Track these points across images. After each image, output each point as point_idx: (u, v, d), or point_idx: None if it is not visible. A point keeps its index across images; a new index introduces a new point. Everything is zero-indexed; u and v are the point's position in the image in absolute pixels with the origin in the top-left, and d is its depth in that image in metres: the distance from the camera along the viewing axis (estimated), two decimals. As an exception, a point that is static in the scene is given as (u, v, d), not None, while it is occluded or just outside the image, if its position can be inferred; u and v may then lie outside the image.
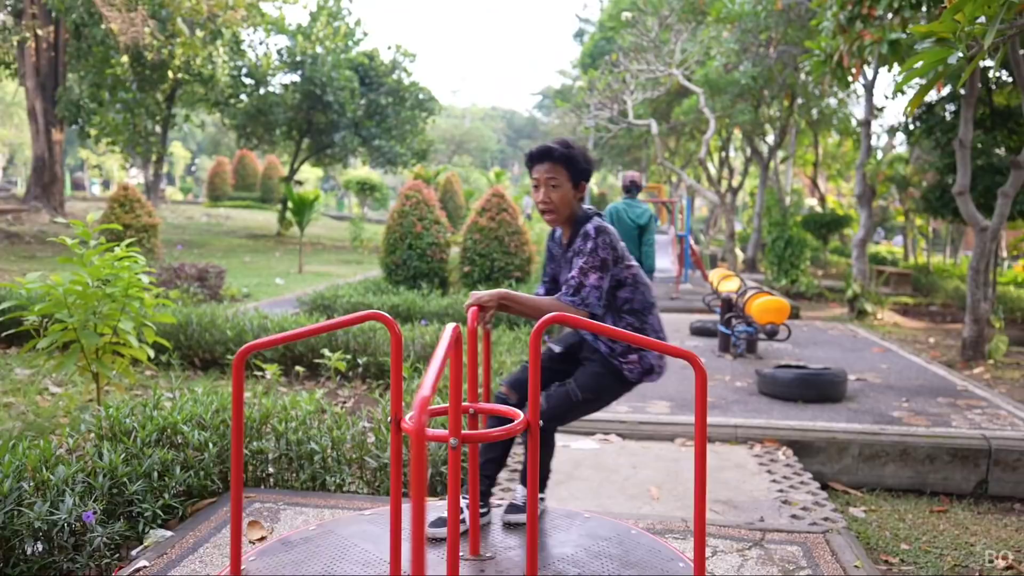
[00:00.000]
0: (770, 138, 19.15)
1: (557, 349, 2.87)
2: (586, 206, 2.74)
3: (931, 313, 12.75)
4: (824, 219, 19.73)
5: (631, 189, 6.80)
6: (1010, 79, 9.43)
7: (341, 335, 6.29)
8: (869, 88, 11.96)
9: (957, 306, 13.21)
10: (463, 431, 2.01)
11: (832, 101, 16.94)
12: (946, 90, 9.83)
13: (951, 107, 10.23)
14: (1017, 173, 7.53)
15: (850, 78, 8.72)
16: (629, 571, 2.43)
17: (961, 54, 3.37)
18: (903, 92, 10.41)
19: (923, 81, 4.31)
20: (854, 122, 17.40)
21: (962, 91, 9.11)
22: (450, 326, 2.05)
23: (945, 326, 11.05)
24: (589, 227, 2.61)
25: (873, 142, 13.54)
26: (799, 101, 15.98)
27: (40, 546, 2.61)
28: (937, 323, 11.46)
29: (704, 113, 14.58)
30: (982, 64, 8.67)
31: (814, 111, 17.01)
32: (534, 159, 2.62)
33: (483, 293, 2.45)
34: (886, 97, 15.88)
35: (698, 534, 2.12)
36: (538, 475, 2.27)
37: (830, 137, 22.35)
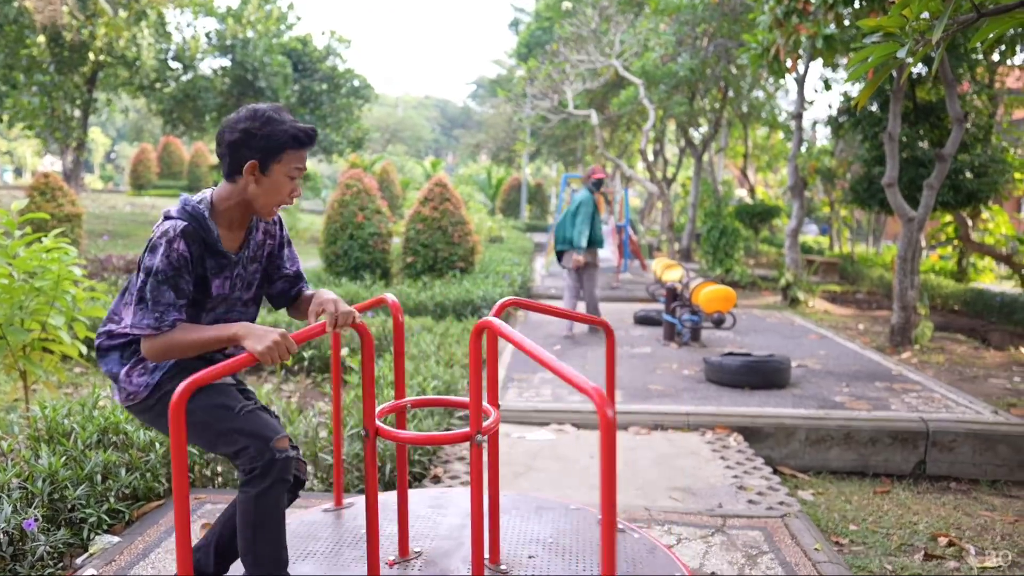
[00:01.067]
0: (704, 130, 19.54)
1: None
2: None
3: (858, 300, 13.25)
4: (755, 210, 20.26)
5: (586, 180, 7.45)
6: (930, 74, 9.83)
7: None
8: (801, 82, 12.30)
9: (881, 293, 13.77)
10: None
11: (760, 95, 17.39)
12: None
13: (877, 102, 10.61)
14: (941, 166, 7.85)
15: (785, 71, 8.95)
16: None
17: (908, 49, 3.47)
18: (829, 89, 10.76)
19: (866, 76, 4.42)
20: (781, 116, 17.91)
21: (888, 87, 9.46)
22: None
23: (872, 313, 11.50)
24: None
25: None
26: (731, 94, 16.33)
27: (-25, 558, 2.43)
28: (864, 310, 11.91)
29: (642, 104, 14.74)
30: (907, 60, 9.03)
31: (744, 104, 17.42)
32: (307, 143, 2.03)
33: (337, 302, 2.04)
34: (816, 91, 16.40)
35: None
36: (497, 474, 2.21)
37: (759, 130, 22.95)
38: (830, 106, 12.77)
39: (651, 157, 21.14)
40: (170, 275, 1.95)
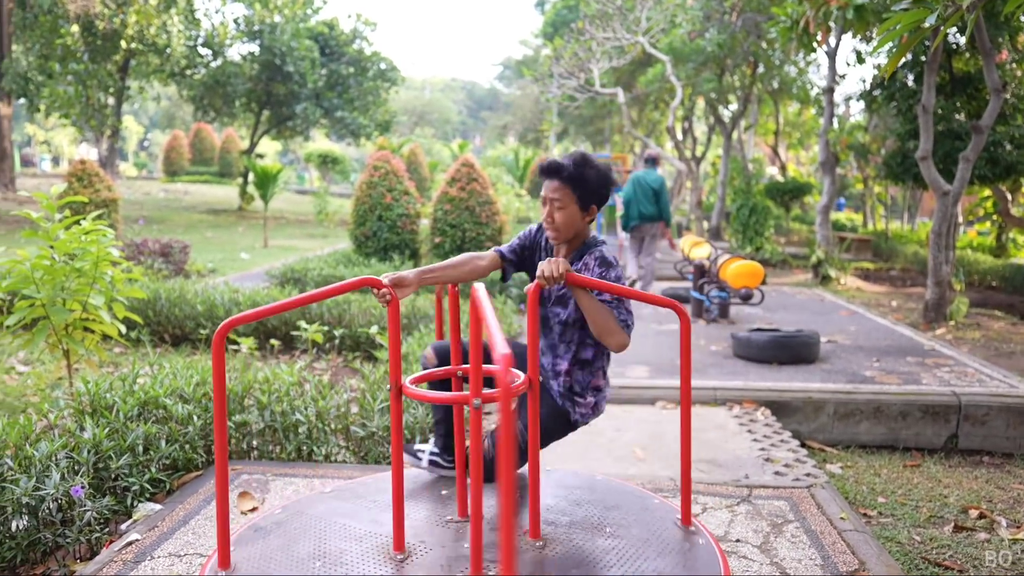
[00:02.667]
0: (733, 107, 19.27)
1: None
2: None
3: (891, 278, 13.06)
4: (786, 187, 19.98)
5: (648, 161, 8.47)
6: (969, 44, 9.59)
7: (315, 307, 6.22)
8: (832, 55, 12.06)
9: (916, 270, 13.55)
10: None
11: (792, 70, 17.08)
12: (907, 56, 9.96)
13: (912, 74, 10.38)
14: (977, 138, 7.68)
15: (816, 44, 8.79)
16: (611, 512, 2.46)
17: (938, 15, 3.41)
18: (862, 62, 10.54)
19: (894, 45, 4.35)
20: (813, 91, 17.58)
21: (923, 57, 9.25)
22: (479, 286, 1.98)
23: (906, 290, 11.33)
24: (605, 254, 2.41)
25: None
26: (761, 69, 16.08)
27: (25, 522, 2.55)
28: (898, 287, 11.74)
29: (670, 82, 14.59)
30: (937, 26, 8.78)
31: (775, 80, 17.13)
32: (544, 173, 2.41)
33: (550, 266, 2.17)
34: (848, 65, 15.97)
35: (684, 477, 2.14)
36: (538, 432, 2.23)
37: (790, 106, 22.56)
38: (863, 80, 12.51)
39: (679, 135, 20.94)
40: (517, 243, 2.69)
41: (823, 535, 2.74)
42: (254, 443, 3.59)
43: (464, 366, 2.59)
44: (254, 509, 2.89)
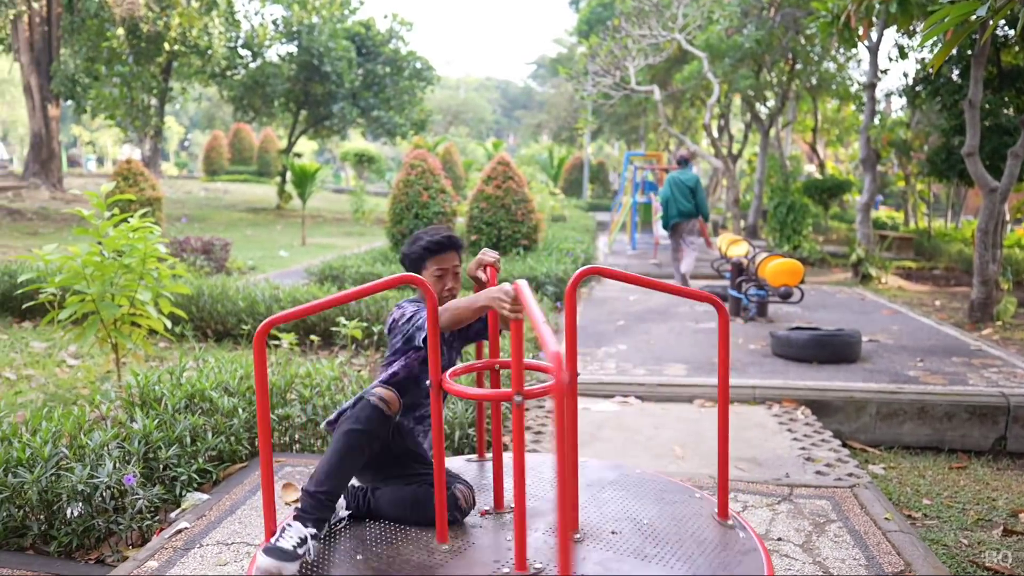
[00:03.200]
0: (771, 103, 19.00)
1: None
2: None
3: (934, 277, 12.77)
4: (825, 185, 19.64)
5: (681, 162, 8.86)
6: (1019, 37, 9.34)
7: (354, 304, 6.30)
8: (874, 50, 11.84)
9: (960, 269, 13.23)
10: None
11: (831, 66, 16.79)
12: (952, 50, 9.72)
13: (957, 68, 10.15)
14: (1027, 133, 7.49)
15: (857, 39, 8.63)
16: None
17: (988, 7, 3.33)
18: (905, 56, 10.32)
19: (940, 39, 4.25)
20: (853, 87, 17.25)
21: (969, 51, 9.03)
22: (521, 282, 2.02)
23: (950, 289, 11.08)
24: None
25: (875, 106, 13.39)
26: (799, 66, 15.84)
27: (80, 509, 2.63)
28: (941, 286, 11.48)
29: (706, 79, 14.46)
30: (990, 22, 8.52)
31: (813, 76, 16.85)
32: (445, 247, 2.54)
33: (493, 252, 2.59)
34: (890, 60, 15.56)
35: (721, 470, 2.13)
36: (576, 432, 2.23)
37: (829, 103, 22.16)
38: (905, 75, 12.26)
39: (716, 133, 20.72)
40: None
41: (867, 535, 2.71)
42: (296, 436, 3.66)
43: (504, 359, 2.60)
44: (297, 500, 2.94)
